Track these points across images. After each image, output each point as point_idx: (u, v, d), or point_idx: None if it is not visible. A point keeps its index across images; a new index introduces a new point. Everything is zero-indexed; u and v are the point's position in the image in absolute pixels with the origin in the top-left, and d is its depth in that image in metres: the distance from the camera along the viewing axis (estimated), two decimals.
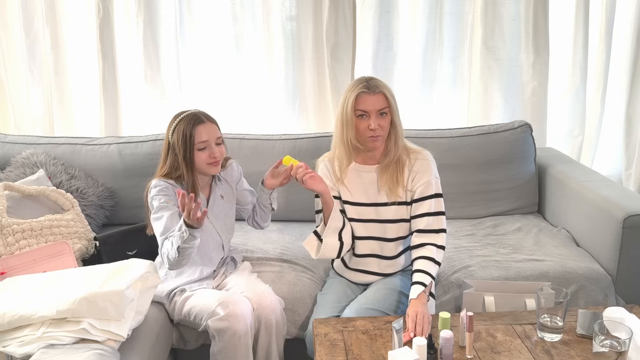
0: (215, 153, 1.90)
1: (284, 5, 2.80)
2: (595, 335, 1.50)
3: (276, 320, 1.88)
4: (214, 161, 1.91)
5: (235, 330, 1.77)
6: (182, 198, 1.69)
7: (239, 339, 1.78)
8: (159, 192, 1.89)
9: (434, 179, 1.90)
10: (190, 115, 1.90)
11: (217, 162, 1.92)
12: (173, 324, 1.99)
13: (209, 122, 1.91)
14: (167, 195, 1.89)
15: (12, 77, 2.86)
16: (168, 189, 1.90)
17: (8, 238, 1.95)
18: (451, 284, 2.04)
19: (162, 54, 2.83)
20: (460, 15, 2.86)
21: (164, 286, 1.97)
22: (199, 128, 1.87)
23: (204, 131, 1.87)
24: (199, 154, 1.88)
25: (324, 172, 1.99)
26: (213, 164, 1.91)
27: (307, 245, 1.95)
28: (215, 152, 1.90)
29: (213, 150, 1.90)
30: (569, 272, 2.06)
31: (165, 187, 1.89)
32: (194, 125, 1.87)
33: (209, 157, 1.89)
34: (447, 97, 2.98)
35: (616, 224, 2.07)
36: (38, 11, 2.78)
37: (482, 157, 2.60)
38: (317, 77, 2.88)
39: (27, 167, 2.42)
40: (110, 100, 2.85)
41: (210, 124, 1.91)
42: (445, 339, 1.49)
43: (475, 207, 2.64)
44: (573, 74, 2.93)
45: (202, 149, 1.88)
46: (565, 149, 3.03)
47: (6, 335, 1.55)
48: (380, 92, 1.81)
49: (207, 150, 1.89)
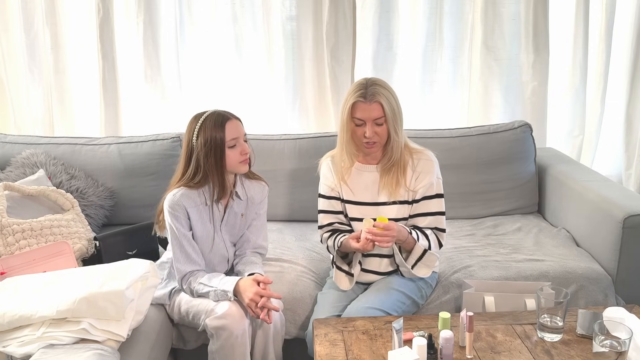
0: (246, 149, 1.87)
1: (284, 5, 2.80)
2: (595, 335, 1.50)
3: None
4: (245, 158, 1.88)
5: (232, 330, 1.76)
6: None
7: (236, 338, 1.77)
8: (171, 215, 1.85)
9: (436, 179, 1.92)
10: (215, 114, 1.85)
11: (247, 159, 1.89)
12: (173, 324, 1.99)
13: (235, 118, 1.87)
14: (178, 219, 1.85)
15: (12, 77, 2.86)
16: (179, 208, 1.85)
17: (8, 238, 1.95)
18: (451, 284, 2.04)
19: (162, 54, 2.83)
20: (460, 15, 2.86)
21: (165, 288, 1.97)
22: (228, 125, 1.83)
23: (233, 128, 1.84)
24: (229, 153, 1.84)
25: (325, 172, 2.00)
26: (244, 161, 1.88)
27: (337, 282, 1.95)
28: (246, 149, 1.87)
29: (243, 146, 1.87)
30: (569, 272, 2.06)
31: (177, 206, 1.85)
32: (222, 123, 1.82)
33: (240, 155, 1.86)
34: (447, 97, 2.98)
35: (616, 224, 2.07)
36: (38, 11, 2.78)
37: (482, 157, 2.60)
38: (317, 77, 2.88)
39: (27, 167, 2.42)
40: (110, 100, 2.85)
41: (236, 121, 1.87)
42: (445, 339, 1.49)
43: (475, 207, 2.64)
44: (573, 74, 2.93)
45: (233, 146, 1.84)
46: (565, 149, 3.03)
47: (6, 335, 1.55)
48: (377, 102, 1.80)
49: (238, 147, 1.85)
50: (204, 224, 1.92)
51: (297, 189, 2.59)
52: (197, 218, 1.90)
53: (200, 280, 1.87)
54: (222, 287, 1.82)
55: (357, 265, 1.93)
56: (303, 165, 2.56)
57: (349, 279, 1.93)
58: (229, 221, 1.99)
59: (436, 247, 1.92)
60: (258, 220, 2.06)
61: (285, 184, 2.59)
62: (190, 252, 1.88)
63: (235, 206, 1.98)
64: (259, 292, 1.77)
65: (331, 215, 2.00)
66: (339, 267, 1.95)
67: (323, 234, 2.02)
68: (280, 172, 2.58)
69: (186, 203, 1.87)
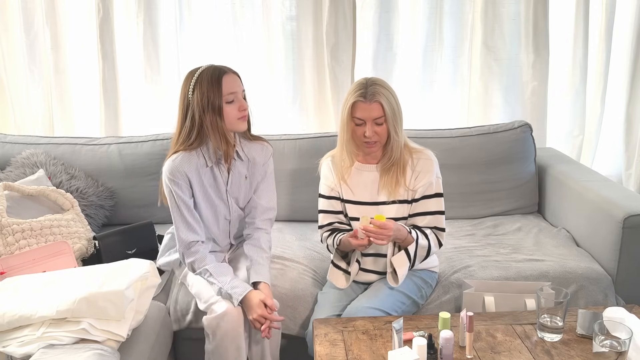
0: (244, 105, 1.79)
1: (284, 5, 2.80)
2: (595, 335, 1.50)
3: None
4: (243, 115, 1.80)
5: (227, 331, 1.76)
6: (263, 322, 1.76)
7: (232, 340, 1.77)
8: (171, 182, 1.81)
9: (436, 178, 1.92)
10: (211, 68, 1.76)
11: (245, 116, 1.82)
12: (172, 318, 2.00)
13: (232, 72, 1.80)
14: (178, 186, 1.81)
15: (12, 77, 2.86)
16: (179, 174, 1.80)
17: (8, 238, 1.95)
18: (451, 284, 2.04)
19: (162, 54, 2.83)
20: (460, 15, 2.86)
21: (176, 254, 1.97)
22: (225, 78, 1.75)
23: (230, 82, 1.76)
24: (227, 108, 1.76)
25: (325, 171, 2.00)
26: (242, 118, 1.80)
27: (332, 279, 1.95)
28: (244, 104, 1.79)
29: (242, 102, 1.79)
30: (569, 272, 2.06)
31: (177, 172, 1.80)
32: (219, 77, 1.74)
33: (238, 111, 1.78)
34: (447, 97, 2.98)
35: (616, 224, 2.07)
36: (38, 11, 2.78)
37: (482, 157, 2.60)
38: (317, 77, 2.88)
39: (27, 167, 2.42)
40: (110, 100, 2.85)
41: (234, 75, 1.80)
42: (445, 339, 1.49)
43: (475, 207, 2.64)
44: (573, 74, 2.93)
45: (231, 101, 1.77)
46: (565, 149, 3.03)
47: (6, 335, 1.55)
48: (377, 102, 1.80)
49: (236, 102, 1.78)
50: (205, 189, 1.86)
51: (297, 189, 2.59)
52: (198, 181, 1.84)
53: (208, 268, 1.84)
54: (230, 291, 1.80)
55: (355, 263, 1.93)
56: (303, 165, 2.56)
57: (346, 277, 1.94)
58: (234, 183, 1.92)
59: (436, 246, 1.92)
60: (264, 182, 1.99)
61: (286, 184, 2.59)
62: (191, 221, 1.85)
63: (239, 166, 1.92)
64: (264, 315, 1.76)
65: (331, 215, 2.00)
66: (336, 265, 1.95)
67: (323, 233, 2.03)
68: (280, 172, 2.58)
69: (186, 168, 1.81)
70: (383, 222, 1.74)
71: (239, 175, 1.93)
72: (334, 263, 1.96)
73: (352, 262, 1.92)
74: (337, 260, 1.96)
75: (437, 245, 1.93)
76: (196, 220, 1.88)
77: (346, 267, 1.94)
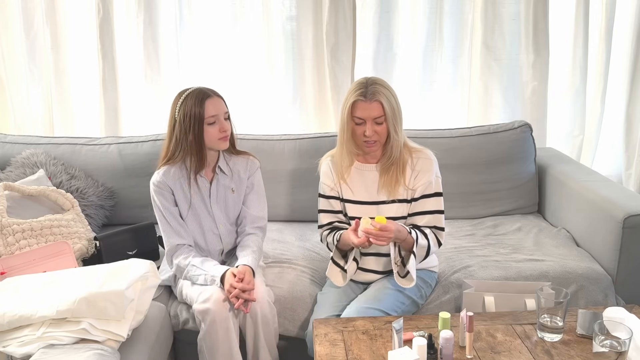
0: (225, 127, 1.92)
1: (284, 5, 2.80)
2: (595, 335, 1.50)
3: (262, 311, 1.87)
4: (224, 135, 1.93)
5: (215, 314, 1.79)
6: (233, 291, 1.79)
7: (220, 323, 1.80)
8: (155, 192, 1.96)
9: (435, 177, 1.92)
10: (196, 91, 1.91)
11: (226, 136, 1.94)
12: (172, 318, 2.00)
13: (216, 96, 1.93)
14: (162, 195, 1.95)
15: (12, 77, 2.86)
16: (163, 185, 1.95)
17: (8, 238, 1.95)
18: (451, 284, 2.04)
19: (162, 54, 2.83)
20: (460, 15, 2.86)
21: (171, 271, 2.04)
22: (208, 102, 1.89)
23: (212, 105, 1.89)
24: (208, 129, 1.90)
25: (325, 171, 2.01)
26: (223, 138, 1.93)
27: (330, 276, 1.96)
28: (225, 126, 1.92)
29: (223, 124, 1.92)
30: (569, 272, 2.06)
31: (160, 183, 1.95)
32: (202, 99, 1.88)
33: (219, 132, 1.91)
34: (447, 97, 2.98)
35: (616, 224, 2.07)
36: (38, 11, 2.78)
37: (482, 157, 2.60)
38: (317, 77, 2.88)
39: (27, 167, 2.42)
40: (110, 100, 2.85)
41: (217, 98, 1.93)
42: (445, 339, 1.49)
43: (475, 207, 2.63)
44: (573, 74, 2.93)
45: (212, 123, 1.90)
46: (565, 149, 3.03)
47: (6, 335, 1.55)
48: (377, 101, 1.81)
49: (217, 124, 1.91)
50: (189, 200, 1.99)
51: (297, 189, 2.59)
52: (180, 191, 1.97)
53: (193, 262, 1.93)
54: (212, 272, 1.88)
55: (352, 262, 1.93)
56: (303, 165, 2.56)
57: (343, 275, 1.93)
58: (219, 196, 2.03)
59: (435, 246, 1.92)
60: (252, 193, 2.09)
61: (285, 184, 2.59)
62: (176, 225, 1.97)
63: (222, 180, 2.03)
64: (232, 284, 1.82)
65: (331, 215, 2.00)
66: (335, 263, 1.95)
67: (323, 232, 2.03)
68: (280, 172, 2.58)
69: (168, 180, 1.96)
70: (384, 225, 1.74)
71: (224, 188, 2.05)
72: (334, 260, 1.96)
73: (350, 261, 1.92)
74: (337, 258, 1.95)
75: (437, 244, 1.93)
76: (181, 225, 1.99)
77: (344, 264, 1.94)
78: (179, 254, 1.96)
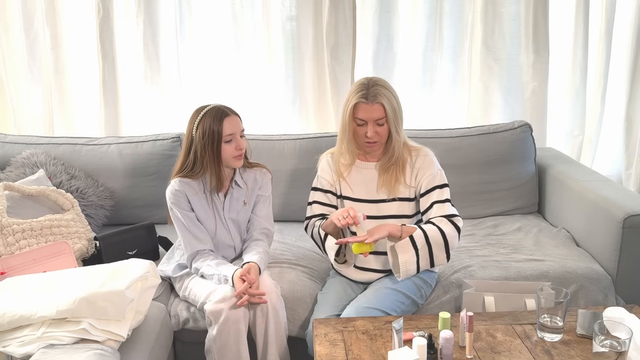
0: (241, 145, 1.95)
1: (284, 5, 2.80)
2: (595, 335, 1.50)
3: (271, 302, 1.88)
4: (239, 154, 1.96)
5: (229, 315, 1.80)
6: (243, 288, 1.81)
7: (233, 323, 1.81)
8: (172, 203, 1.97)
9: (437, 171, 1.93)
10: (215, 109, 1.93)
11: (241, 155, 1.97)
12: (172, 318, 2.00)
13: (234, 114, 1.95)
14: (179, 205, 1.96)
15: (12, 77, 2.86)
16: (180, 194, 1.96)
17: (8, 238, 1.95)
18: (451, 284, 2.04)
19: (162, 54, 2.83)
20: (460, 15, 2.86)
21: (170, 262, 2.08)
22: (226, 121, 1.91)
23: (230, 124, 1.92)
24: (225, 147, 1.93)
25: (324, 167, 2.02)
26: (238, 157, 1.96)
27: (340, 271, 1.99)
28: (241, 144, 1.95)
29: (239, 142, 1.95)
30: (569, 272, 2.06)
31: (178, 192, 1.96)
32: (221, 118, 1.90)
33: (235, 150, 1.94)
34: (447, 97, 2.98)
35: (616, 224, 2.07)
36: (38, 11, 2.78)
37: (482, 157, 2.60)
38: (317, 77, 2.88)
39: (27, 167, 2.42)
40: (110, 100, 2.85)
41: (235, 117, 1.95)
42: (445, 339, 1.49)
43: (475, 207, 2.63)
44: (573, 74, 2.93)
45: (229, 141, 1.93)
46: (565, 149, 3.03)
47: (6, 335, 1.55)
48: (378, 103, 1.81)
49: (234, 142, 1.94)
50: (205, 210, 2.00)
51: (297, 189, 2.59)
52: (197, 203, 1.99)
53: (208, 262, 1.95)
54: (224, 272, 1.90)
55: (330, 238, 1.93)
56: (303, 165, 2.56)
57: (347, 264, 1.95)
58: (232, 209, 2.05)
59: (453, 230, 1.86)
60: (261, 202, 2.12)
61: (285, 184, 2.59)
62: (196, 231, 1.98)
63: (236, 193, 2.06)
64: (242, 290, 1.82)
65: (324, 207, 2.01)
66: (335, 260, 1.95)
67: (311, 221, 2.03)
68: (280, 172, 2.58)
69: (186, 190, 1.97)
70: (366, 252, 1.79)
71: (236, 202, 2.07)
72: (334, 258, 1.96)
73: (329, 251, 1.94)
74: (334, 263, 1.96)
75: (454, 229, 1.87)
76: (201, 231, 2.00)
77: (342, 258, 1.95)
78: (198, 258, 1.97)
